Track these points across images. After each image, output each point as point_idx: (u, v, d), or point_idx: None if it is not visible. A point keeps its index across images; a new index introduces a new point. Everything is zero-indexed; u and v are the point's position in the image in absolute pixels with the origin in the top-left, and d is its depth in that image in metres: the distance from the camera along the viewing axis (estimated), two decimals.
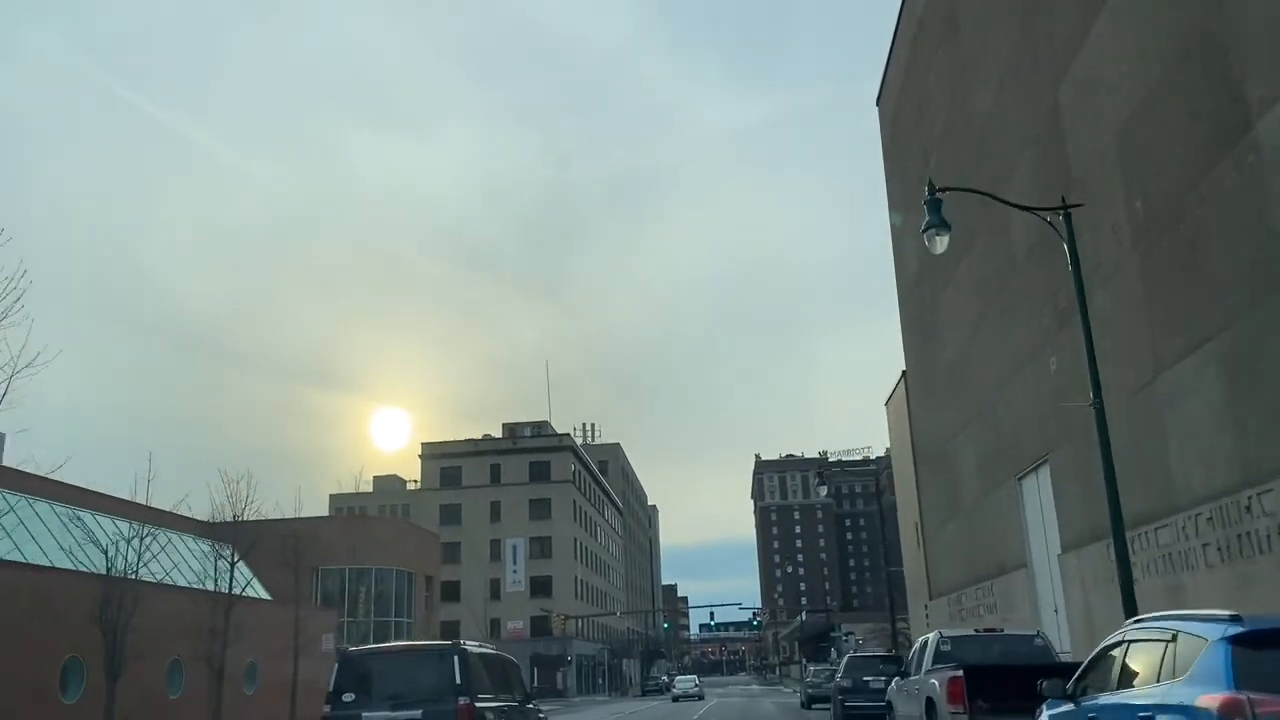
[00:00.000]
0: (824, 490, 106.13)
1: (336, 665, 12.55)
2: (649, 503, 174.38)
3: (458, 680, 12.01)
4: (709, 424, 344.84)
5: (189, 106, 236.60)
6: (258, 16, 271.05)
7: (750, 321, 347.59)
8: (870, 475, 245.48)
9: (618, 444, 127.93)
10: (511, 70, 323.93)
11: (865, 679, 23.49)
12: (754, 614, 77.38)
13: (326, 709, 12.07)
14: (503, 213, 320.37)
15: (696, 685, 64.88)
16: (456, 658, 12.30)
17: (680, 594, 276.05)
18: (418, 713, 11.78)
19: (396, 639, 47.36)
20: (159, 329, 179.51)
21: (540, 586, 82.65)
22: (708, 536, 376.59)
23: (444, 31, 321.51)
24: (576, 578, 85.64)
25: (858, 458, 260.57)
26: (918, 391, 37.96)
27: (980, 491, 29.40)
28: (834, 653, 62.57)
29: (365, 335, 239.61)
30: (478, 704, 12.05)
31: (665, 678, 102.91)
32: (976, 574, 30.34)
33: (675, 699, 59.92)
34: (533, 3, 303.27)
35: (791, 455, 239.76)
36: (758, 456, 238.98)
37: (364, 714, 11.82)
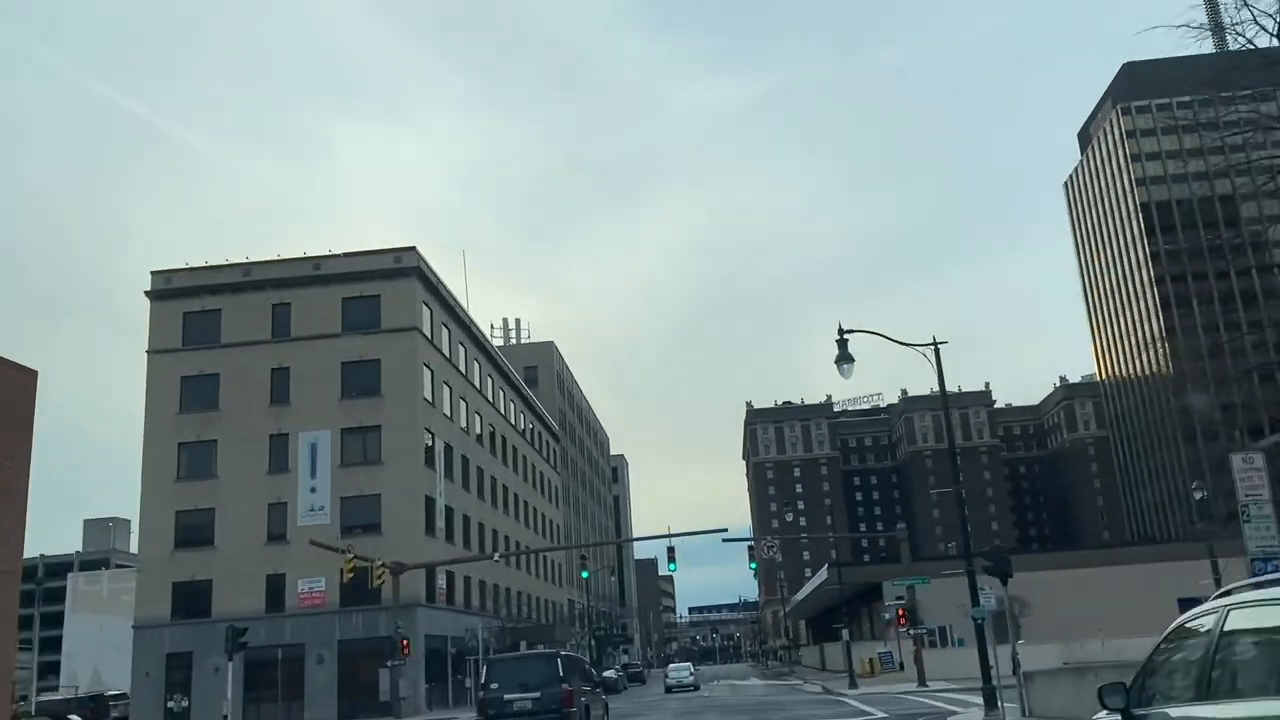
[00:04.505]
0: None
1: (486, 666, 23.20)
2: (613, 451, 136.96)
3: (560, 673, 20.74)
4: (700, 411, 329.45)
5: (167, 99, 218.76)
6: (234, 6, 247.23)
7: (744, 304, 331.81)
8: (882, 425, 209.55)
9: (550, 343, 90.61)
10: (494, 55, 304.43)
11: None
12: (752, 549, 40.06)
13: (481, 694, 21.35)
14: (488, 200, 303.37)
15: (692, 675, 57.88)
16: (559, 659, 21.83)
17: (669, 588, 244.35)
18: (538, 694, 20.18)
19: None
20: (138, 326, 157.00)
21: (360, 514, 45.37)
22: (701, 525, 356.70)
23: (425, 17, 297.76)
24: (435, 502, 48.35)
25: (866, 406, 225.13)
26: None
27: None
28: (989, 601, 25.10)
29: None
30: (572, 688, 20.58)
31: (614, 673, 65.89)
32: None
33: (669, 689, 54.65)
34: None
35: (789, 403, 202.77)
36: (749, 405, 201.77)
37: (505, 695, 20.43)
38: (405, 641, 40.22)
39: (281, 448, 46.37)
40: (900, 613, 40.12)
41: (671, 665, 67.23)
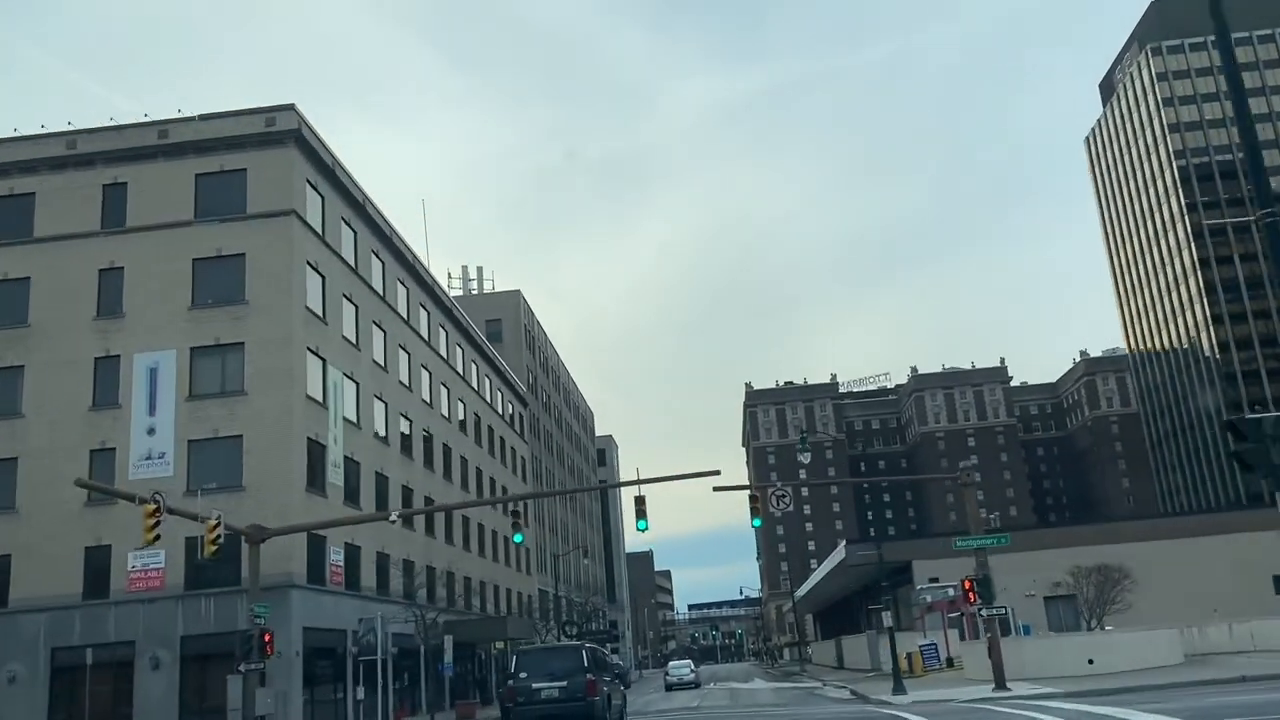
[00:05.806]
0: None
1: (515, 656, 24.61)
2: (599, 432, 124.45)
3: (586, 664, 22.81)
4: (699, 409, 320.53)
5: (163, 97, 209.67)
6: (234, 4, 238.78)
7: (744, 298, 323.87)
8: (890, 407, 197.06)
9: (517, 292, 78.15)
10: (491, 54, 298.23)
11: None
12: (754, 500, 26.40)
13: (510, 683, 23.11)
14: (487, 197, 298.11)
15: (693, 672, 58.91)
16: (585, 651, 23.97)
17: (666, 583, 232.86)
18: (564, 683, 22.13)
19: None
20: None
21: (214, 463, 32.93)
22: (702, 525, 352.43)
23: (422, 16, 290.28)
24: (326, 450, 35.91)
25: (873, 387, 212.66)
26: None
27: None
28: None
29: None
30: (595, 678, 22.62)
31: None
32: None
33: (669, 687, 55.75)
34: None
35: (791, 383, 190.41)
36: (749, 386, 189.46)
37: (533, 684, 22.28)
38: (267, 636, 27.96)
39: (110, 374, 33.94)
40: (968, 586, 27.74)
41: (672, 663, 69.76)
